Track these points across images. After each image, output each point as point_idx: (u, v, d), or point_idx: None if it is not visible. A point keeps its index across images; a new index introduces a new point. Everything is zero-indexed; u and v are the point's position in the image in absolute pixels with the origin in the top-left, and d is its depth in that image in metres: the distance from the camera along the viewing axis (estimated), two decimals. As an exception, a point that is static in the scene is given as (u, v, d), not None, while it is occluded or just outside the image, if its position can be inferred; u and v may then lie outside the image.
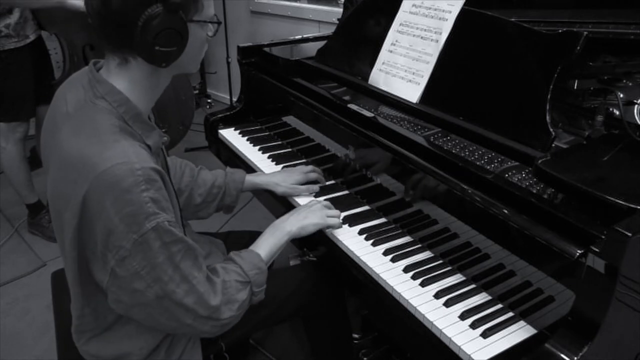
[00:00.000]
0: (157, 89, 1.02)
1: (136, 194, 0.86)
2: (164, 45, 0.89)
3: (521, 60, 1.17)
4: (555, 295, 0.92)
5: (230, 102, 3.84)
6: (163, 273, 0.91)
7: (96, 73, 0.96)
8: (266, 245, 1.16)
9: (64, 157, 0.92)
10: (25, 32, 2.36)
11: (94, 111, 0.93)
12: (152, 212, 0.88)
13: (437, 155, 1.13)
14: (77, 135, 0.92)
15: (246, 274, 1.06)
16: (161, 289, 0.92)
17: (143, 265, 0.89)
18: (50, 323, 1.39)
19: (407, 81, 1.39)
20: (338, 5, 3.14)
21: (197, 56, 1.02)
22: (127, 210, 0.86)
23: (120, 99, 0.94)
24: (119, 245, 0.87)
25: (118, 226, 0.86)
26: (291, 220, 1.22)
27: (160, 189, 0.90)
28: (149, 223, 0.87)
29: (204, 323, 0.99)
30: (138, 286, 0.91)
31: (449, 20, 1.33)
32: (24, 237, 2.63)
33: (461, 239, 1.10)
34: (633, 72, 1.28)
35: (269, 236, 1.19)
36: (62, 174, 0.93)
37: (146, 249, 0.89)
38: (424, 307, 1.02)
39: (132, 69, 0.95)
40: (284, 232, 1.19)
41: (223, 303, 1.00)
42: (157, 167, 0.91)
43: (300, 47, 1.98)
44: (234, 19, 3.74)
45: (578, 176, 0.91)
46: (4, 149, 2.45)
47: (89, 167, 0.87)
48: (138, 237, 0.87)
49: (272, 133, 1.79)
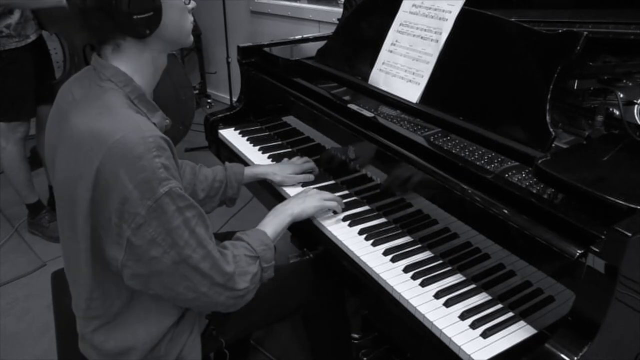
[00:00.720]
0: (155, 68, 1.06)
1: (148, 160, 0.89)
2: (140, 12, 0.94)
3: (521, 60, 1.17)
4: (555, 295, 0.92)
5: (230, 102, 3.84)
6: (179, 238, 0.93)
7: (100, 60, 1.01)
8: (270, 225, 1.20)
9: (75, 137, 0.95)
10: (26, 32, 2.36)
11: (102, 91, 0.98)
12: (165, 177, 0.90)
13: (437, 155, 1.13)
14: (86, 114, 0.96)
15: (254, 249, 1.09)
16: (177, 254, 0.94)
17: (159, 231, 0.91)
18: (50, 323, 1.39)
19: (407, 81, 1.39)
20: (338, 5, 3.14)
21: (181, 24, 1.05)
22: (140, 177, 0.88)
23: (125, 79, 1.00)
24: (135, 213, 0.89)
25: (132, 193, 0.88)
26: (291, 203, 1.27)
27: (169, 158, 0.93)
28: (162, 188, 0.90)
29: (219, 292, 1.00)
30: (155, 253, 0.92)
31: (449, 20, 1.33)
32: (24, 237, 2.63)
33: (461, 239, 1.10)
34: (633, 72, 1.28)
35: (273, 217, 1.22)
36: (74, 153, 0.95)
37: (161, 214, 0.91)
38: (424, 307, 1.02)
39: (125, 50, 1.00)
40: (286, 214, 1.23)
41: (237, 273, 1.03)
42: (166, 137, 0.95)
43: (300, 47, 1.98)
44: (234, 19, 3.74)
45: (578, 176, 0.91)
46: (4, 149, 2.45)
47: (100, 139, 0.90)
48: (152, 203, 0.90)
49: (272, 133, 1.79)
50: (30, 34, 2.39)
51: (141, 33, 0.97)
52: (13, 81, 2.35)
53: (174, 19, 1.02)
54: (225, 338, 1.21)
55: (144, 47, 1.01)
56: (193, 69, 4.39)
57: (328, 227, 1.27)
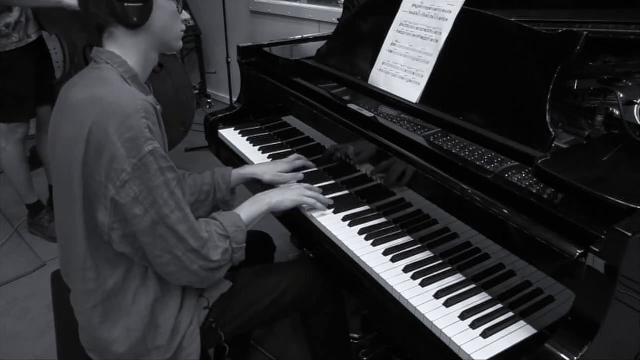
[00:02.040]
0: (145, 60, 1.13)
1: (137, 120, 0.96)
2: (131, 1, 1.03)
3: (521, 60, 1.17)
4: (555, 295, 0.92)
5: (230, 102, 3.84)
6: (159, 197, 0.99)
7: (98, 47, 1.10)
8: (246, 210, 1.24)
9: (73, 106, 1.03)
10: (27, 32, 2.36)
11: (99, 70, 1.07)
12: (150, 137, 0.98)
13: (437, 155, 1.13)
14: (82, 88, 1.05)
15: (225, 229, 1.13)
16: (157, 213, 0.99)
17: (141, 189, 0.97)
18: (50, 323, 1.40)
19: (407, 81, 1.39)
20: (338, 5, 3.14)
21: (170, 27, 1.13)
22: (128, 135, 0.95)
23: (120, 61, 1.08)
24: (121, 169, 0.96)
25: (120, 150, 0.95)
26: (271, 193, 1.31)
27: (155, 124, 1.01)
28: (147, 147, 0.97)
29: (193, 260, 1.05)
30: (137, 211, 0.98)
31: (449, 20, 1.33)
32: (24, 237, 2.63)
33: (461, 239, 1.10)
34: (633, 72, 1.28)
35: (251, 204, 1.26)
36: (71, 120, 1.02)
37: (144, 172, 0.97)
38: (424, 307, 1.02)
39: (118, 38, 1.08)
40: (263, 202, 1.27)
41: (210, 244, 1.07)
42: (155, 106, 1.03)
43: (300, 47, 1.99)
44: (234, 19, 3.74)
45: (578, 176, 0.91)
46: (4, 150, 2.45)
47: (95, 102, 0.98)
48: (137, 161, 0.96)
49: (272, 133, 1.79)
50: (31, 34, 2.39)
51: (131, 21, 1.05)
52: (13, 82, 2.35)
53: (164, 19, 1.11)
54: (224, 332, 1.22)
55: (136, 39, 1.09)
56: (193, 69, 4.39)
57: (328, 227, 1.27)
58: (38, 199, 2.64)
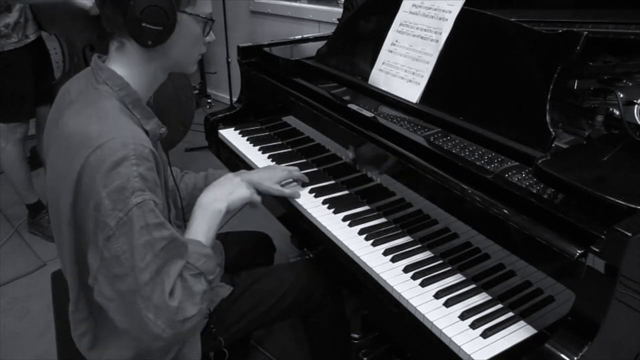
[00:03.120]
0: (153, 80, 1.05)
1: (125, 167, 0.87)
2: (150, 23, 0.93)
3: (521, 60, 1.17)
4: (555, 295, 0.92)
5: (230, 102, 3.84)
6: (140, 259, 0.88)
7: (98, 61, 1.02)
8: (201, 229, 1.10)
9: (64, 137, 0.95)
10: (26, 32, 2.36)
11: (96, 94, 0.98)
12: (139, 187, 0.88)
13: (437, 155, 1.13)
14: (78, 115, 0.95)
15: (195, 267, 1.01)
16: (134, 280, 0.89)
17: (124, 249, 0.88)
18: (50, 323, 1.39)
19: (407, 81, 1.39)
20: (338, 5, 3.14)
21: (190, 51, 1.05)
22: (114, 185, 0.86)
23: (121, 83, 0.99)
24: (105, 222, 0.87)
25: (104, 200, 0.86)
26: (218, 198, 1.16)
27: (151, 170, 0.91)
28: (135, 198, 0.87)
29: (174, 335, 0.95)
30: (117, 271, 0.89)
31: (449, 20, 1.32)
32: (24, 237, 2.63)
33: (461, 239, 1.10)
34: (633, 72, 1.28)
35: (201, 221, 1.12)
36: (62, 153, 0.95)
37: (129, 229, 0.87)
38: (424, 307, 1.02)
39: (128, 52, 1.00)
40: (214, 213, 1.13)
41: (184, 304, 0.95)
42: (154, 150, 0.93)
43: (300, 47, 1.98)
44: (234, 19, 3.74)
45: (578, 176, 0.91)
46: (3, 150, 2.45)
47: (86, 143, 0.89)
48: (123, 216, 0.87)
49: (272, 133, 1.79)
50: (30, 34, 2.39)
51: (144, 42, 0.96)
52: (12, 82, 2.35)
53: (184, 43, 1.02)
54: (224, 337, 1.21)
55: (147, 57, 1.01)
56: (193, 69, 4.38)
57: (328, 227, 1.27)
58: (38, 199, 2.64)
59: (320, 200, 1.39)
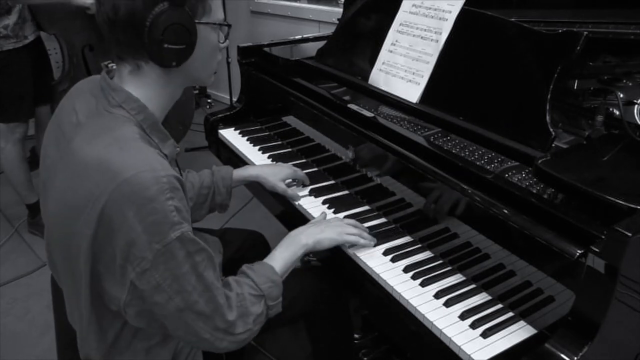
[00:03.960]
0: (170, 99, 1.01)
1: (161, 203, 0.83)
2: (172, 43, 0.88)
3: (521, 60, 1.17)
4: (555, 295, 0.92)
5: (230, 102, 3.84)
6: (187, 283, 0.89)
7: (110, 81, 0.94)
8: (280, 258, 1.11)
9: (78, 165, 0.88)
10: (24, 32, 2.36)
11: (112, 119, 0.91)
12: (177, 221, 0.85)
13: (437, 155, 1.13)
14: (93, 143, 0.88)
15: (259, 288, 1.02)
16: (183, 300, 0.89)
17: (165, 276, 0.86)
18: (50, 323, 1.39)
19: (407, 81, 1.39)
20: (338, 5, 3.14)
21: (209, 62, 1.01)
22: (150, 219, 0.83)
23: (139, 107, 0.93)
24: (141, 257, 0.84)
25: (141, 236, 0.83)
26: (307, 232, 1.17)
27: (182, 199, 0.88)
28: (174, 233, 0.85)
29: (221, 339, 0.95)
30: (159, 299, 0.88)
31: (449, 20, 1.32)
32: (24, 237, 2.63)
33: (461, 239, 1.10)
34: (633, 72, 1.28)
35: (284, 249, 1.13)
36: (75, 184, 0.88)
37: (169, 259, 0.86)
38: (424, 307, 1.02)
39: (145, 75, 0.94)
40: (299, 245, 1.14)
41: (238, 317, 0.97)
42: (179, 176, 0.89)
43: (300, 47, 1.98)
44: (234, 19, 3.74)
45: (578, 176, 0.91)
46: (3, 150, 2.45)
47: (109, 175, 0.83)
48: (161, 247, 0.84)
49: (272, 133, 1.79)
50: (28, 34, 2.39)
51: (167, 63, 0.91)
52: (11, 82, 2.35)
53: (203, 56, 0.97)
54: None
55: (165, 77, 0.95)
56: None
57: (328, 227, 1.27)
58: (38, 199, 2.63)
59: (320, 200, 1.39)
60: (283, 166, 1.47)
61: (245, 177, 1.45)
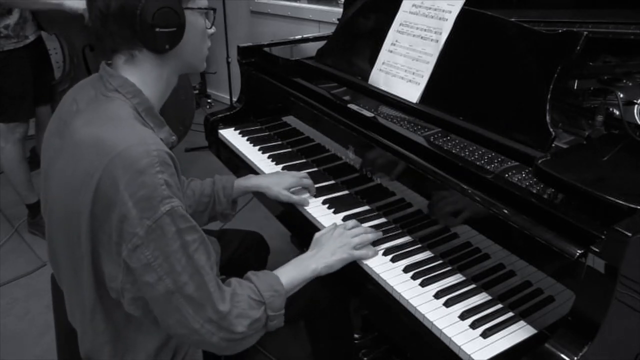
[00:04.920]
0: (166, 85, 1.04)
1: (150, 176, 0.85)
2: (163, 26, 0.93)
3: (521, 60, 1.17)
4: (555, 295, 0.92)
5: (230, 102, 3.84)
6: (176, 263, 0.88)
7: (109, 69, 0.99)
8: (287, 274, 1.09)
9: (76, 146, 0.91)
10: (25, 32, 2.37)
11: (108, 102, 0.95)
12: (167, 195, 0.86)
13: (437, 155, 1.13)
14: (90, 124, 0.92)
15: (260, 294, 1.00)
16: (172, 282, 0.88)
17: (155, 255, 0.87)
18: (50, 323, 1.39)
19: (407, 81, 1.39)
20: (338, 5, 3.14)
21: (200, 47, 1.05)
22: (140, 194, 0.84)
23: (134, 91, 0.97)
24: (133, 233, 0.85)
25: (131, 210, 0.84)
26: (318, 257, 1.14)
27: (173, 175, 0.89)
28: (164, 206, 0.86)
29: (212, 332, 0.93)
30: (149, 279, 0.88)
31: (449, 20, 1.32)
32: (24, 237, 2.63)
33: (461, 239, 1.10)
34: (633, 72, 1.28)
35: (292, 268, 1.11)
36: (73, 163, 0.91)
37: (160, 236, 0.86)
38: (424, 307, 1.02)
39: (139, 62, 0.98)
40: (308, 269, 1.11)
41: (233, 315, 0.95)
42: (171, 153, 0.91)
43: (300, 47, 1.99)
44: (234, 19, 3.74)
45: (578, 176, 0.91)
46: (3, 150, 2.45)
47: (103, 151, 0.86)
48: (152, 224, 0.85)
49: (272, 133, 1.79)
50: (29, 34, 2.39)
51: (160, 47, 0.95)
52: (12, 82, 2.35)
53: (194, 40, 1.01)
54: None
55: (160, 63, 0.99)
56: (193, 69, 4.38)
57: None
58: (38, 199, 2.63)
59: (320, 200, 1.39)
60: (286, 174, 1.44)
61: (247, 187, 1.43)
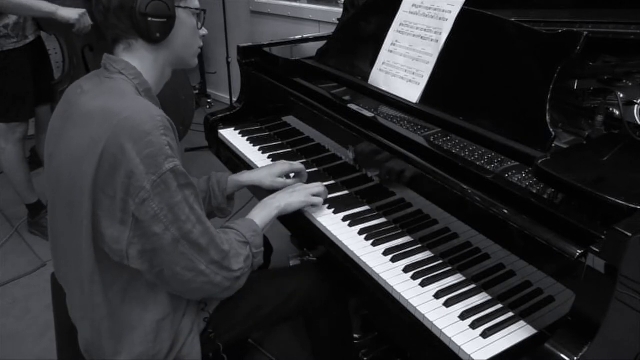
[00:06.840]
0: (160, 75, 1.14)
1: (156, 137, 0.94)
2: (155, 16, 1.04)
3: (521, 60, 1.17)
4: (555, 295, 0.92)
5: (230, 102, 3.84)
6: (181, 212, 0.98)
7: (111, 55, 1.09)
8: (258, 216, 1.24)
9: (84, 117, 1.00)
10: (25, 32, 2.36)
11: (112, 82, 1.06)
12: (170, 154, 0.96)
13: (437, 155, 1.13)
14: (96, 98, 1.02)
15: (244, 235, 1.14)
16: (178, 230, 0.98)
17: (162, 207, 0.95)
18: (50, 323, 1.39)
19: (407, 81, 1.39)
20: (338, 5, 3.14)
21: (190, 43, 1.15)
22: (147, 152, 0.93)
23: (135, 73, 1.07)
24: (140, 187, 0.93)
25: (139, 167, 0.92)
26: (279, 197, 1.31)
27: (174, 140, 1.00)
28: (168, 164, 0.95)
29: (216, 272, 1.04)
30: (157, 229, 0.96)
31: (449, 20, 1.33)
32: (24, 237, 2.63)
33: (461, 239, 1.10)
34: (633, 72, 1.28)
35: (260, 210, 1.26)
36: (81, 131, 0.99)
37: (164, 190, 0.95)
38: (424, 307, 1.02)
39: (136, 50, 1.09)
40: (273, 207, 1.27)
41: (231, 255, 1.07)
42: (171, 121, 1.01)
43: (300, 47, 1.99)
44: (234, 19, 3.74)
45: (578, 176, 0.91)
46: (3, 150, 2.45)
47: (109, 117, 0.95)
48: (157, 179, 0.94)
49: (272, 133, 1.79)
50: (28, 34, 2.39)
51: (152, 36, 1.06)
52: (11, 82, 2.35)
53: (185, 35, 1.12)
54: (223, 341, 1.20)
55: (154, 52, 1.10)
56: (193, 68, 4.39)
57: (328, 227, 1.27)
58: (38, 199, 2.64)
59: (320, 200, 1.39)
60: (277, 164, 1.47)
61: (240, 181, 1.45)
